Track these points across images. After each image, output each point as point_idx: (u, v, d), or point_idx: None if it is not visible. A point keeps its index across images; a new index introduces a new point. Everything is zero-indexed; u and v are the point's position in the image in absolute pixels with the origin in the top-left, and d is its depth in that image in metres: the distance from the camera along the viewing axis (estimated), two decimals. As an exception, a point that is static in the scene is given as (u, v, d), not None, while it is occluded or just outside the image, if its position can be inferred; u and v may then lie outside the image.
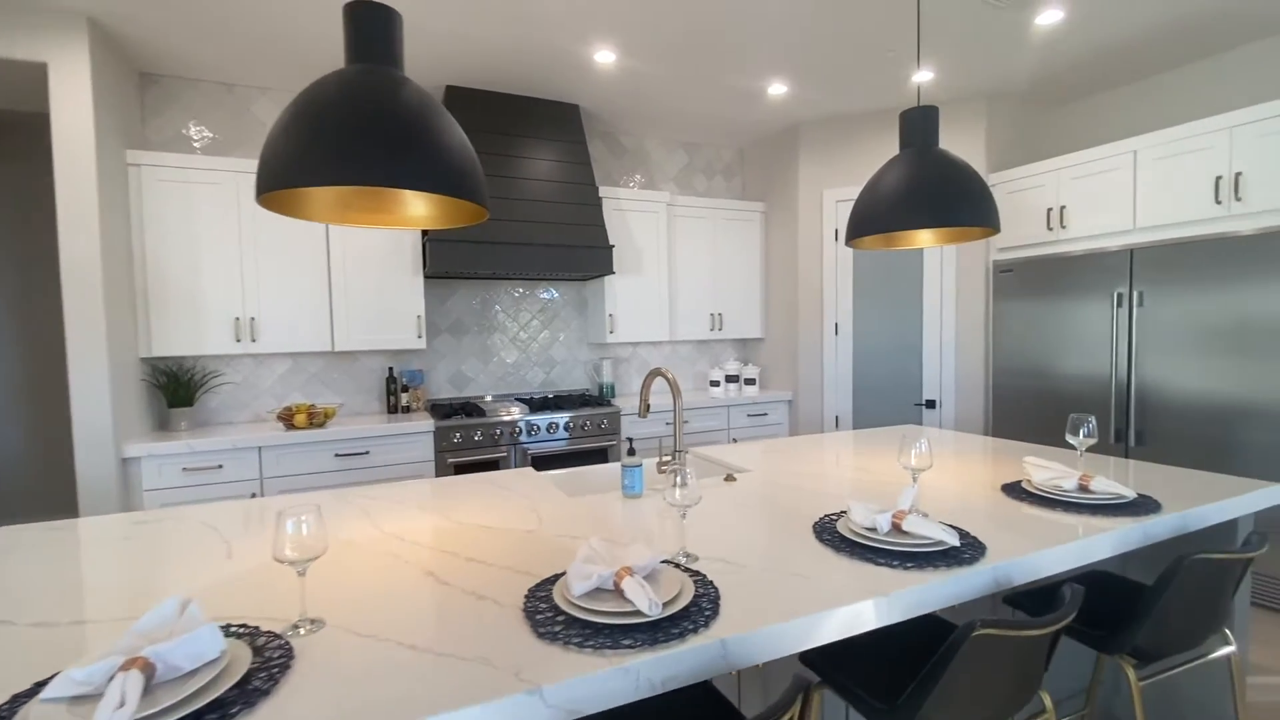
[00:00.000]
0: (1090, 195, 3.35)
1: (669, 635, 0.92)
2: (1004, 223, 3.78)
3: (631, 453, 1.71)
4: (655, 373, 1.85)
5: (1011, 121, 3.97)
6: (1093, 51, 3.27)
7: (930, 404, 4.02)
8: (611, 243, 3.93)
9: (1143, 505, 1.53)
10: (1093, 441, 1.75)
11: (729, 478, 1.90)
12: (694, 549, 1.31)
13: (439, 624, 0.99)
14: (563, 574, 1.14)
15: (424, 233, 3.54)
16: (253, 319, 3.20)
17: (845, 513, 1.48)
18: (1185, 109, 3.51)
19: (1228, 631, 1.48)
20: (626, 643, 0.90)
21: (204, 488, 2.93)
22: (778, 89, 3.62)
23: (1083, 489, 1.59)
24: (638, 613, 0.95)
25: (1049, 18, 2.86)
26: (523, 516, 1.56)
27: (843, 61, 3.29)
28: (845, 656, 1.28)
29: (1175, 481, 1.77)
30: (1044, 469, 1.68)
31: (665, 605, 0.98)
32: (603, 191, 3.95)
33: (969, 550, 1.26)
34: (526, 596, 1.07)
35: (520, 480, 1.94)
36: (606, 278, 3.98)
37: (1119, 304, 3.22)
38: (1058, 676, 1.96)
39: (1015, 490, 1.68)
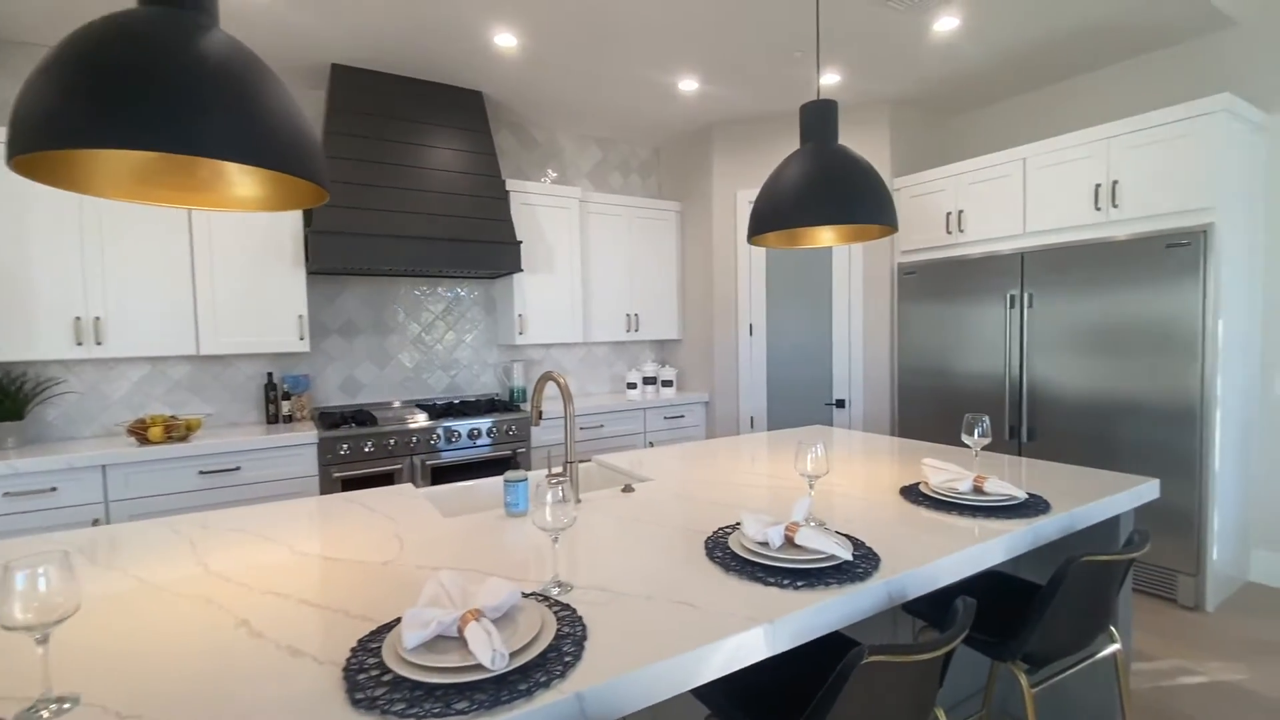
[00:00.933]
0: (985, 200, 3.47)
1: (514, 693, 0.77)
2: (907, 226, 3.87)
3: (515, 465, 1.55)
4: (546, 377, 1.70)
5: (915, 127, 4.09)
6: (987, 62, 3.39)
7: (840, 403, 4.07)
8: (519, 238, 3.74)
9: (1033, 506, 1.52)
10: (987, 441, 1.75)
11: (627, 488, 1.77)
12: (570, 576, 1.16)
13: (230, 694, 0.80)
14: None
15: (306, 223, 3.22)
16: (97, 319, 2.79)
17: (739, 525, 1.38)
18: (1072, 120, 3.71)
19: (1113, 629, 1.49)
20: (460, 706, 0.74)
21: (32, 515, 2.51)
22: (689, 85, 3.55)
23: (977, 490, 1.57)
24: (480, 666, 0.79)
25: (946, 24, 2.92)
26: (382, 544, 1.37)
27: (752, 61, 3.26)
28: (741, 684, 1.17)
29: (1062, 479, 1.79)
30: (941, 471, 1.65)
31: (516, 654, 0.83)
32: (511, 185, 3.75)
33: (863, 564, 1.18)
34: (353, 651, 0.89)
35: (392, 500, 1.73)
36: (515, 276, 3.78)
37: (1011, 305, 3.35)
38: (956, 677, 1.95)
39: (914, 494, 1.65)
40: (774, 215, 1.81)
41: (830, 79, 3.51)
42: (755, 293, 4.16)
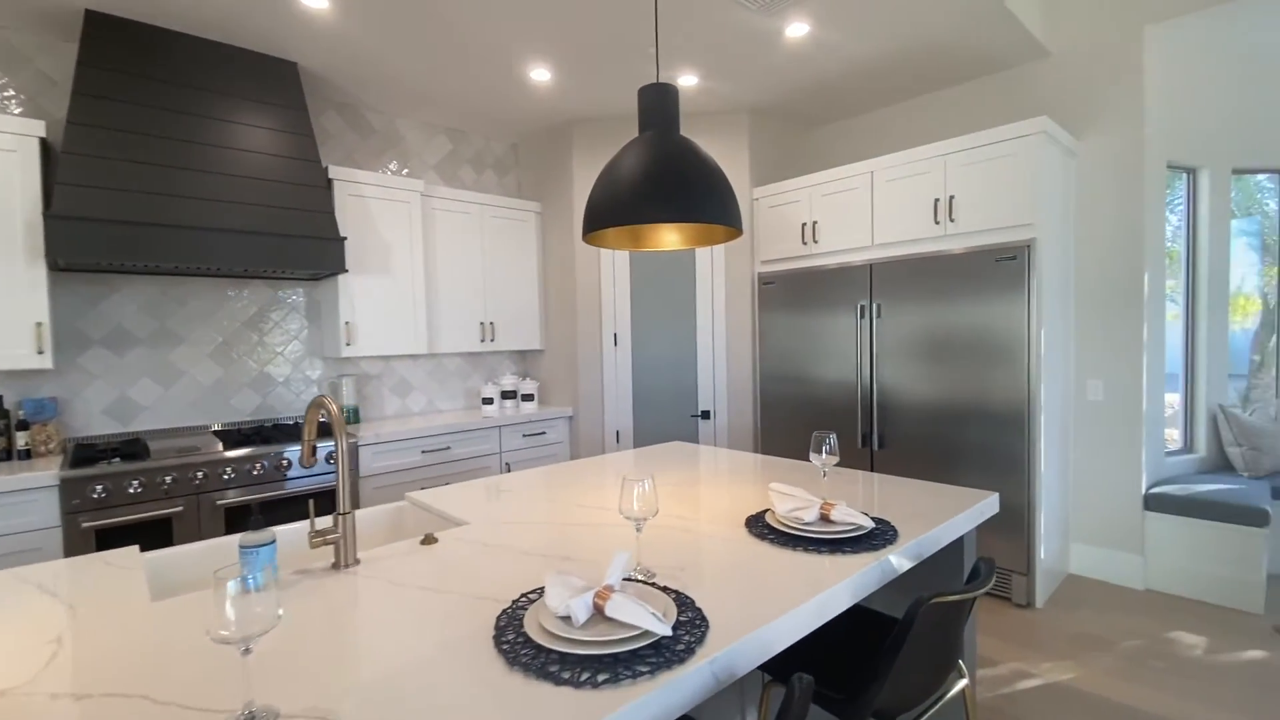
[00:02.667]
0: (838, 212, 3.51)
1: None
2: (766, 236, 3.85)
3: (258, 524, 1.17)
4: (316, 404, 1.33)
5: (774, 137, 4.10)
6: (838, 73, 3.42)
7: (705, 415, 3.96)
8: (345, 234, 3.25)
9: (880, 534, 1.39)
10: (835, 460, 1.61)
11: (428, 539, 1.43)
12: (282, 694, 0.82)
13: None
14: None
15: (45, 207, 2.55)
16: None
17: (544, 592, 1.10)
18: (918, 137, 3.86)
19: (961, 663, 1.39)
20: None
21: None
22: (541, 74, 3.28)
23: (824, 519, 1.41)
24: None
25: (797, 30, 2.88)
26: (23, 656, 0.94)
27: (605, 54, 3.05)
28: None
29: (908, 498, 1.70)
30: (787, 497, 1.48)
31: None
32: (337, 173, 3.25)
33: (686, 636, 0.95)
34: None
35: (90, 573, 1.27)
36: (340, 278, 3.28)
37: (862, 316, 3.40)
38: None
39: (758, 525, 1.46)
40: (609, 210, 1.57)
41: (687, 80, 3.39)
42: (620, 301, 3.95)
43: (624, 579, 1.13)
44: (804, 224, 3.66)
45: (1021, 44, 3.15)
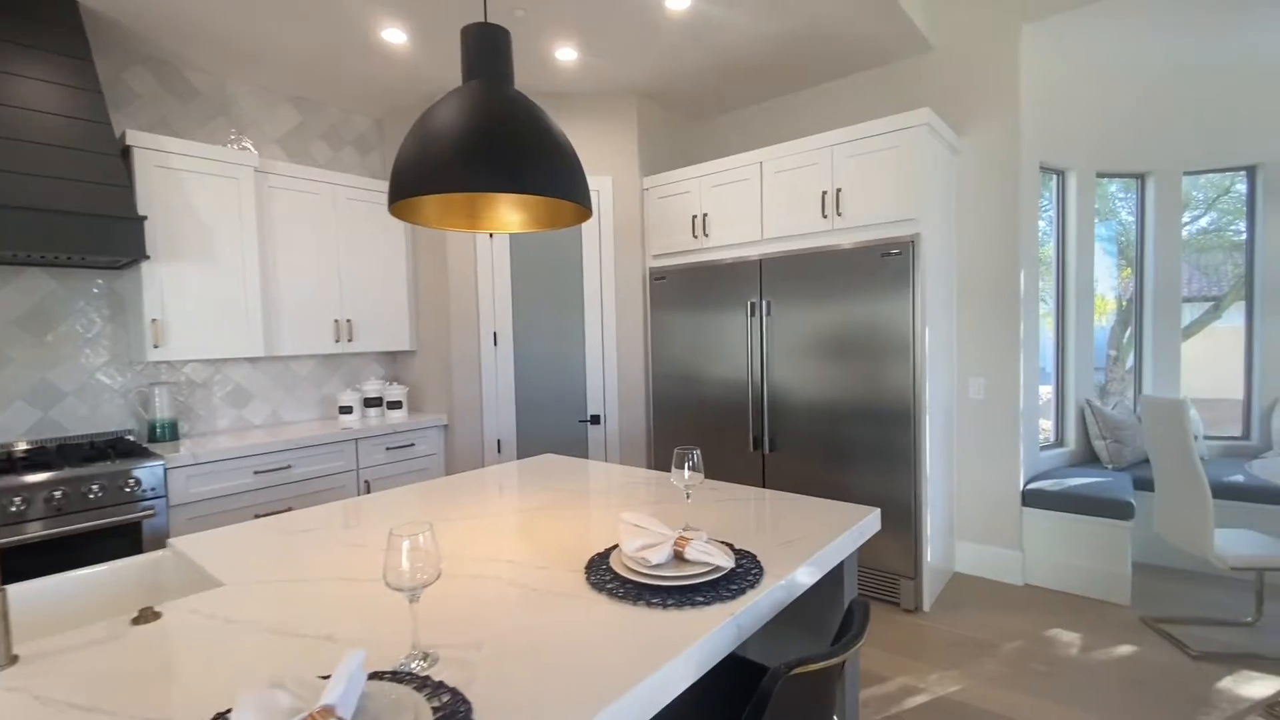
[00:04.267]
0: (728, 204, 3.33)
1: None
2: (657, 228, 3.62)
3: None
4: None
5: (664, 125, 3.88)
6: (726, 60, 3.24)
7: (595, 420, 3.68)
8: (145, 212, 2.70)
9: (741, 575, 1.15)
10: (700, 478, 1.37)
11: (144, 615, 1.05)
12: None
13: None
14: None
15: None
16: None
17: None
18: (808, 129, 3.76)
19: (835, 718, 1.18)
20: None
21: None
22: (394, 35, 2.86)
23: (678, 558, 1.16)
24: None
25: (678, 2, 2.65)
26: None
27: (465, 12, 2.69)
28: None
29: (781, 520, 1.49)
30: (638, 531, 1.22)
31: None
32: (137, 138, 2.69)
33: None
34: None
35: None
36: (145, 266, 2.72)
37: (752, 313, 3.24)
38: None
39: (600, 570, 1.19)
40: (420, 175, 1.24)
41: (565, 54, 3.08)
42: (500, 296, 3.59)
43: (372, 678, 0.82)
44: (695, 216, 3.46)
45: (906, 35, 3.09)
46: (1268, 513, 3.01)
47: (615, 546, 1.28)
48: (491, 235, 3.54)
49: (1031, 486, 3.13)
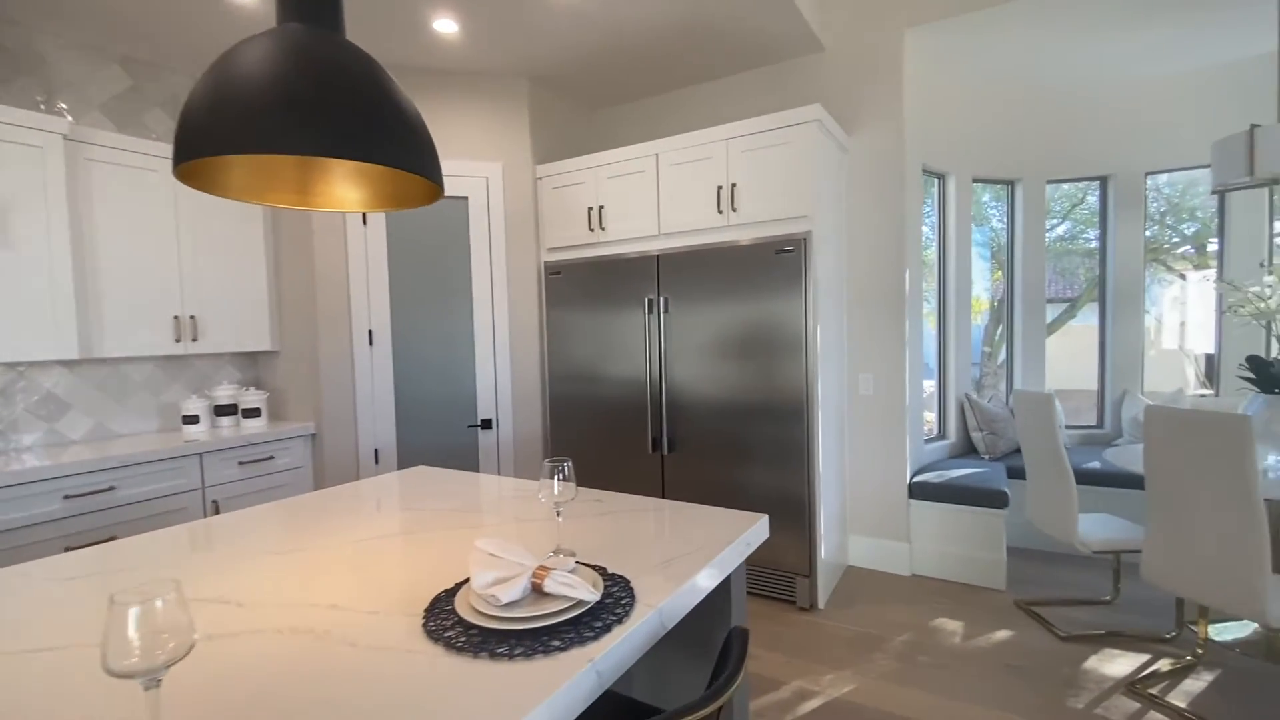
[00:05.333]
0: (624, 197, 3.20)
1: None
2: (552, 220, 3.43)
3: None
4: None
5: (558, 113, 3.69)
6: (618, 47, 3.10)
7: (486, 425, 3.43)
8: (-100, 185, 2.19)
9: (610, 607, 1.00)
10: (572, 494, 1.21)
11: None
12: None
13: None
14: None
15: None
16: None
17: None
18: (704, 123, 3.70)
19: (717, 760, 1.06)
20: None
21: None
22: (239, -10, 2.50)
23: (537, 592, 0.99)
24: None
25: (565, -24, 2.48)
26: None
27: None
28: None
29: (662, 534, 1.36)
30: (493, 563, 1.04)
31: None
32: (-109, 93, 2.17)
33: None
34: None
35: None
36: (-96, 249, 2.20)
37: (650, 310, 3.12)
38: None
39: (442, 614, 1.00)
40: (224, 130, 0.99)
41: (445, 25, 2.83)
42: (376, 290, 3.26)
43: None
44: (591, 208, 3.30)
45: (798, 33, 3.08)
46: (1122, 496, 3.27)
47: (463, 582, 1.09)
48: (363, 217, 3.21)
49: (917, 479, 3.22)
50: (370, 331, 3.26)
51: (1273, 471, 2.33)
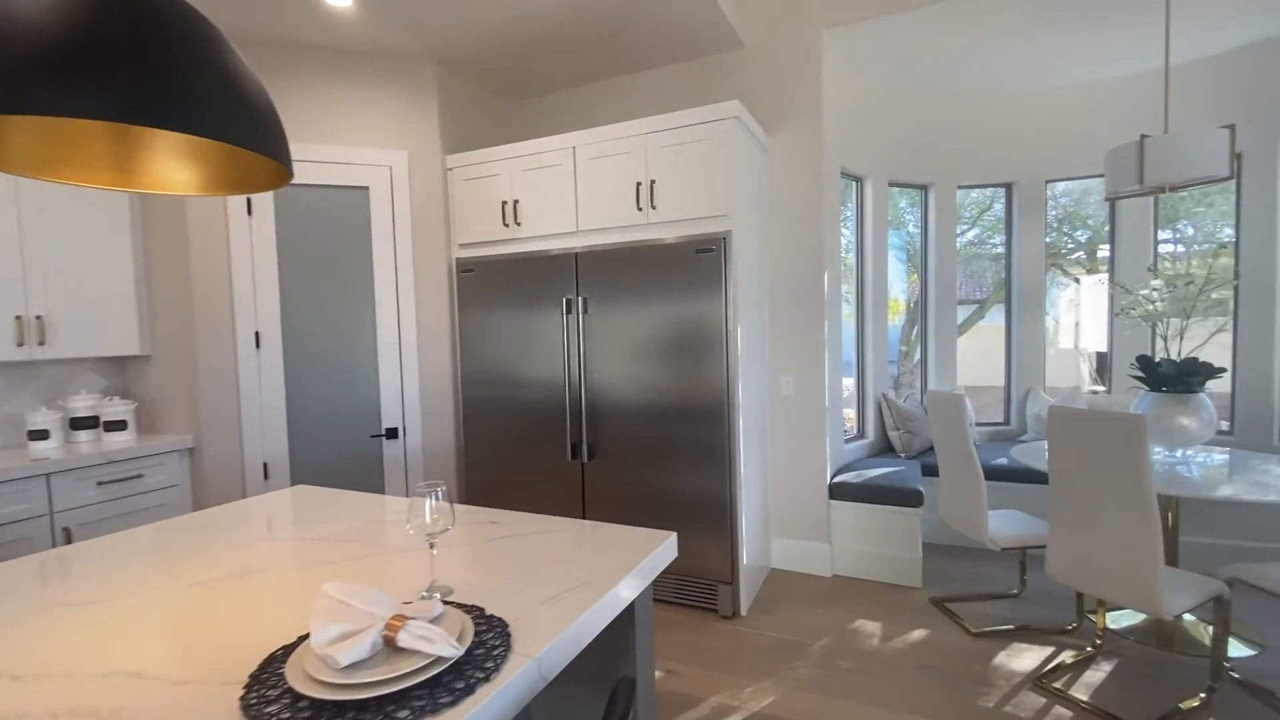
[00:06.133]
0: (541, 191, 3.04)
1: None
2: (464, 215, 3.22)
3: None
4: None
5: (471, 102, 3.48)
6: (532, 33, 2.94)
7: (392, 434, 3.18)
8: None
9: (479, 661, 0.85)
10: (447, 524, 1.06)
11: None
12: None
13: None
14: None
15: None
16: None
17: None
18: (624, 118, 3.58)
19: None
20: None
21: None
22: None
23: (390, 646, 0.83)
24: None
25: (467, -50, 2.30)
26: None
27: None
28: None
29: (561, 560, 1.23)
30: (340, 612, 0.87)
31: None
32: None
33: None
34: None
35: None
36: None
37: (569, 310, 2.97)
38: None
39: (270, 682, 0.82)
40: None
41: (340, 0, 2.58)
42: (264, 287, 2.95)
43: None
44: (505, 203, 3.12)
45: (717, 28, 3.01)
46: (1028, 490, 3.39)
47: (303, 638, 0.91)
48: (247, 206, 2.90)
49: (837, 480, 3.23)
50: (257, 333, 2.95)
51: (1161, 466, 2.44)
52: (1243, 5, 2.90)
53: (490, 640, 0.91)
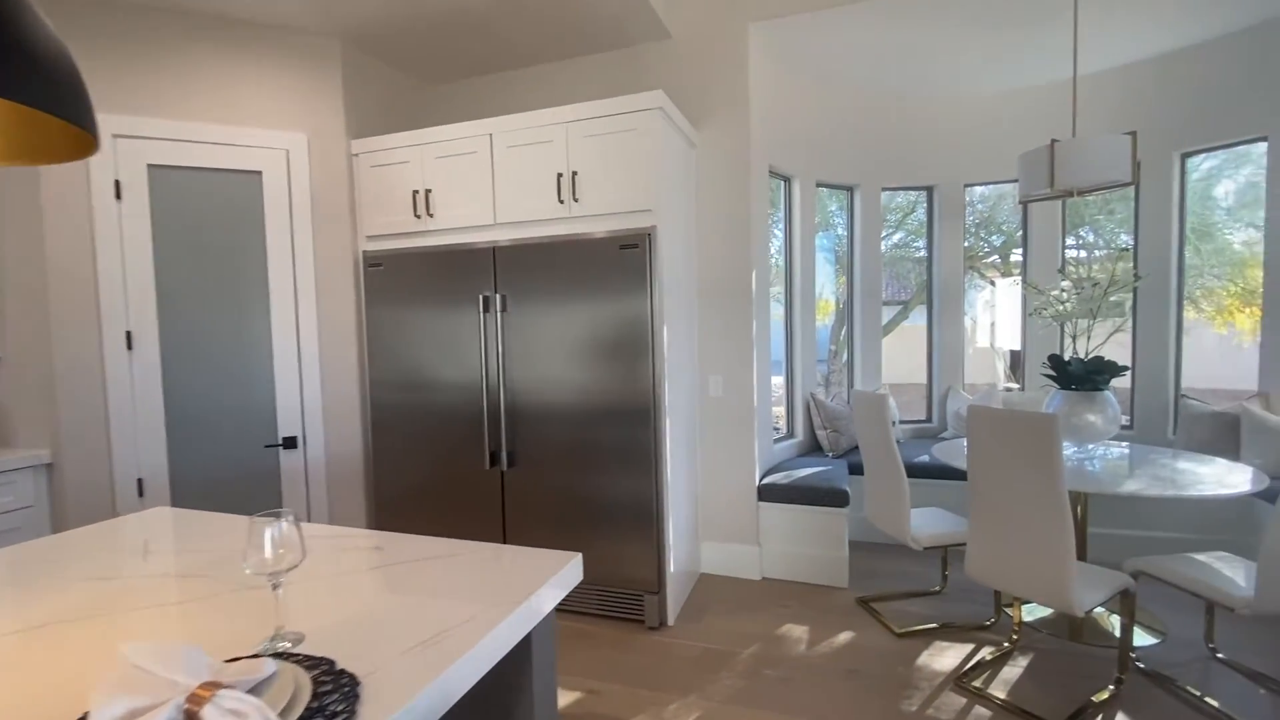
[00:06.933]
0: (455, 180, 2.84)
1: None
2: (372, 204, 2.98)
3: None
4: None
5: (381, 83, 3.24)
6: (448, 9, 2.74)
7: (290, 443, 2.91)
8: None
9: (313, 735, 0.70)
10: (294, 560, 0.89)
11: None
12: None
13: None
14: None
15: None
16: None
17: None
18: (547, 105, 3.42)
19: None
20: None
21: None
22: None
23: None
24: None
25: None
26: None
27: None
28: None
29: (440, 594, 1.08)
30: (133, 682, 0.69)
31: None
32: None
33: None
34: None
35: None
36: None
37: (486, 308, 2.79)
38: None
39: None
40: None
41: (216, -43, 2.31)
42: (136, 281, 2.62)
43: None
44: (416, 192, 2.90)
45: (643, 16, 2.90)
46: (951, 487, 3.46)
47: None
48: (115, 190, 2.57)
49: (766, 481, 3.18)
50: (129, 333, 2.62)
51: (1070, 462, 2.51)
52: (1143, 20, 3.04)
53: (332, 705, 0.75)
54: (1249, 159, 3.48)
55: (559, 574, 1.15)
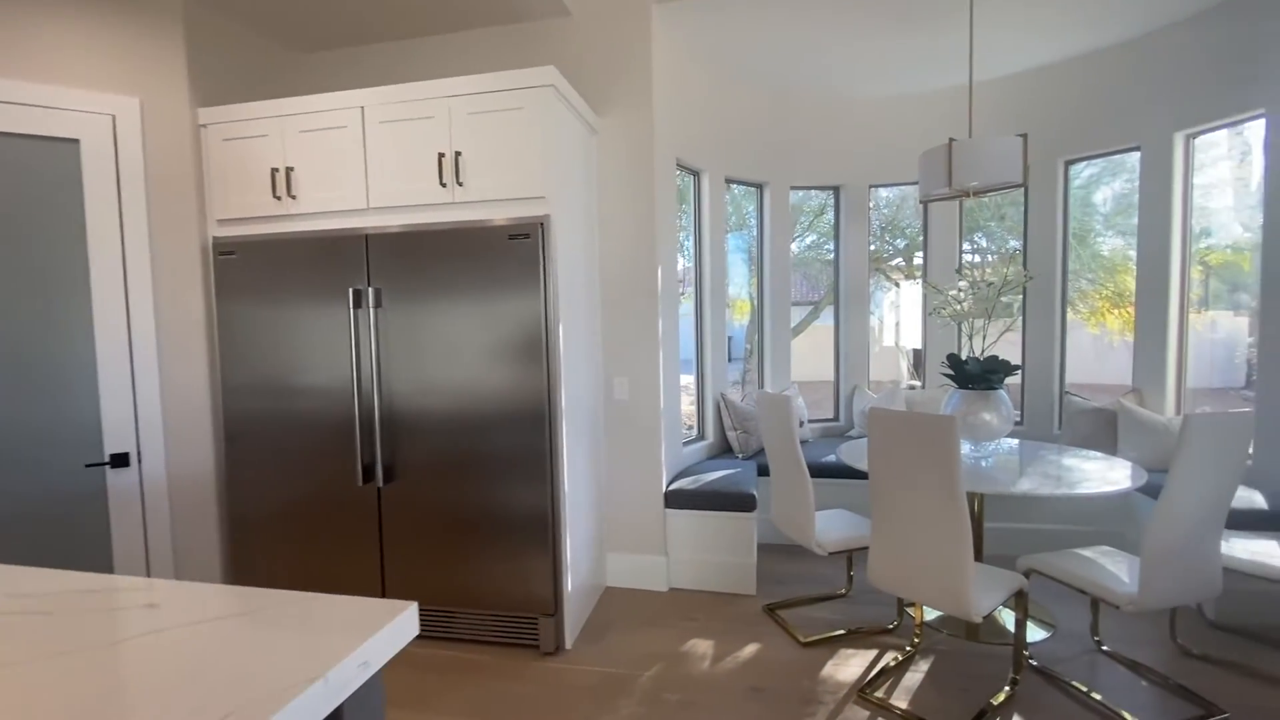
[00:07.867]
0: (322, 158, 2.51)
1: None
2: (223, 182, 2.59)
3: None
4: None
5: (240, 46, 2.83)
6: (308, -40, 2.41)
7: (121, 460, 2.47)
8: None
9: None
10: None
11: None
12: None
13: None
14: None
15: None
16: None
17: None
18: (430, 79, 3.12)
19: None
20: None
21: None
22: None
23: None
24: None
25: None
26: None
27: None
28: None
29: (243, 655, 0.82)
30: None
31: None
32: None
33: None
34: None
35: None
36: None
37: (357, 304, 2.48)
38: None
39: None
40: None
41: None
42: (-96, 269, 2.12)
43: None
44: (276, 170, 2.54)
45: (538, -13, 2.68)
46: (857, 487, 3.45)
47: None
48: None
49: (673, 487, 3.04)
50: (-106, 331, 2.12)
51: (966, 460, 2.51)
52: (1031, 32, 3.13)
53: None
54: (1124, 167, 3.68)
55: (384, 629, 0.92)
